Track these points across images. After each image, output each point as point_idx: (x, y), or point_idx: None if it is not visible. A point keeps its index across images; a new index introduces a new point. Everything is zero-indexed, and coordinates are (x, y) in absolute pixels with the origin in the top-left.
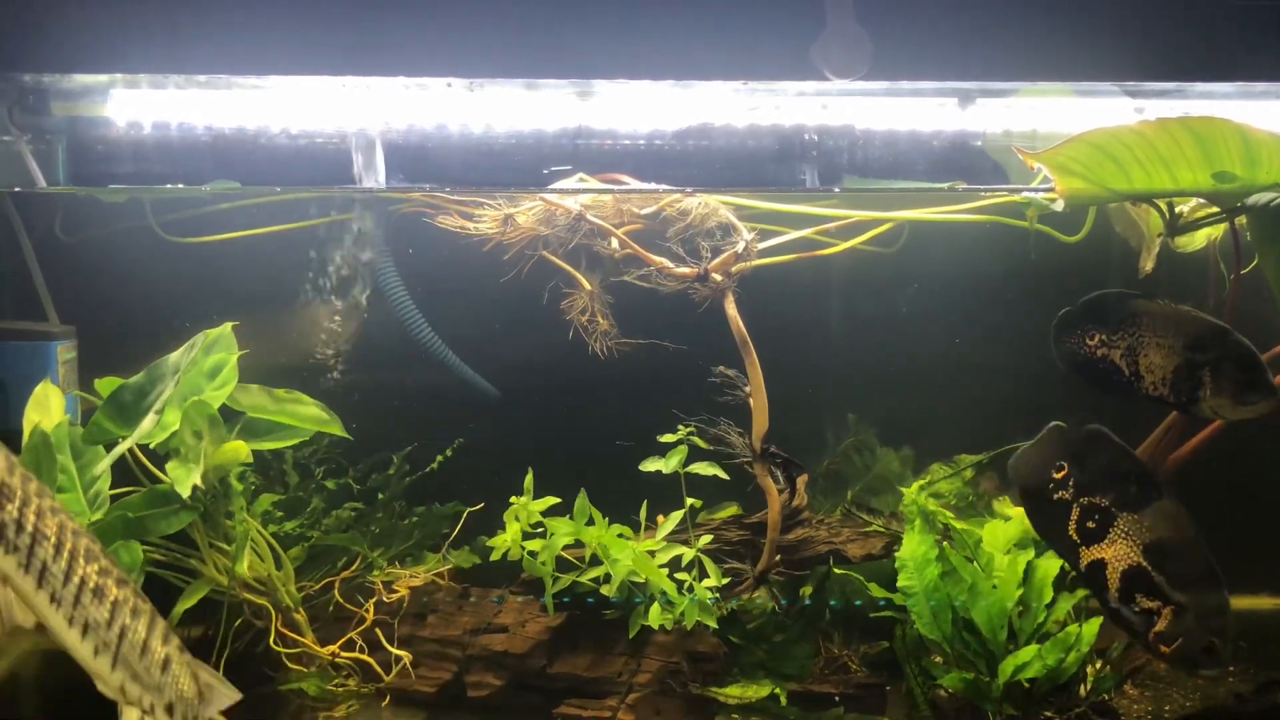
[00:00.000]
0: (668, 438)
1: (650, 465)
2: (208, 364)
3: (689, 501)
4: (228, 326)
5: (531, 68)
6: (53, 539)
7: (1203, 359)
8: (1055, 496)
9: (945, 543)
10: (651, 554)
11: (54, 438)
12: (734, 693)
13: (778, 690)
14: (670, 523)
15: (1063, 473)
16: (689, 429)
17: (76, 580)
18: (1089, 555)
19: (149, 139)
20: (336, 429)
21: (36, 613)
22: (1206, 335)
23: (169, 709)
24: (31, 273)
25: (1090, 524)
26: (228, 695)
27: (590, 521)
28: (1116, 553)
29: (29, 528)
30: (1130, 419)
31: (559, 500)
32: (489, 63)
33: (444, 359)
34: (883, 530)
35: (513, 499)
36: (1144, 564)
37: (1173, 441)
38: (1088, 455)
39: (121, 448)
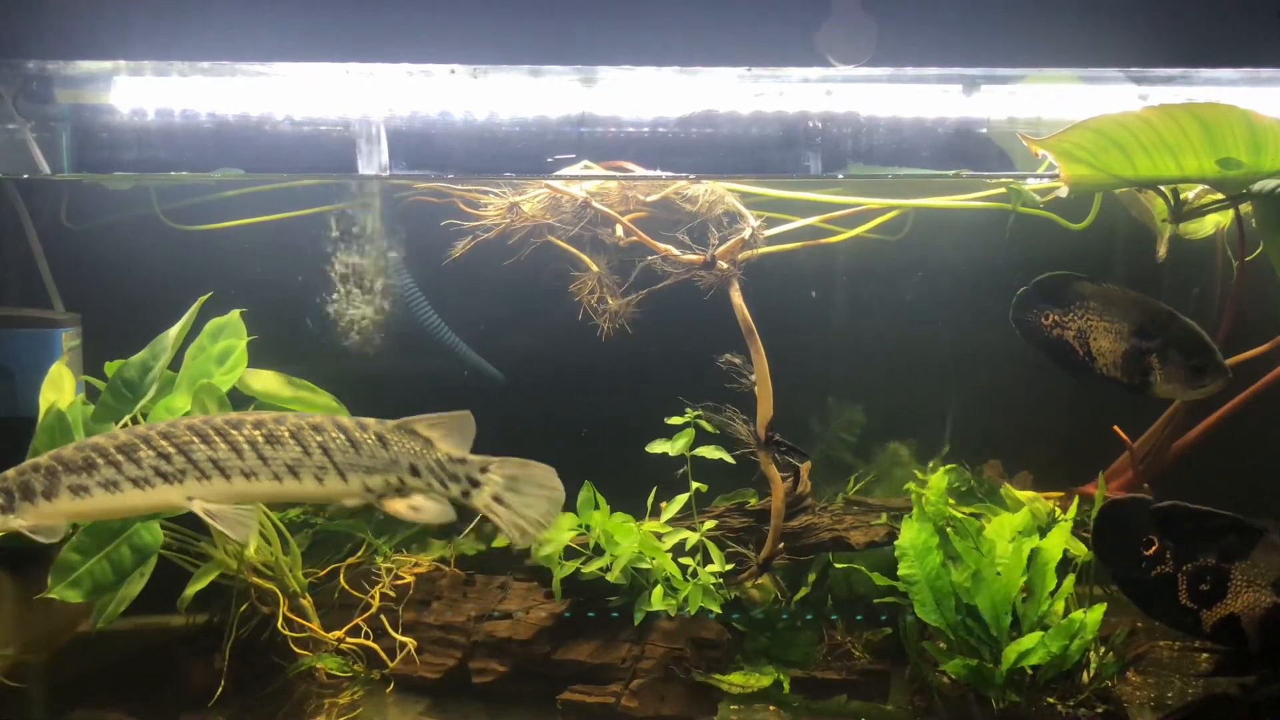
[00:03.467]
0: (675, 420)
1: (657, 447)
2: (216, 349)
3: (694, 485)
4: (236, 313)
5: (535, 54)
6: (196, 438)
7: (1149, 345)
8: (1154, 573)
9: (949, 528)
10: (658, 537)
11: (69, 416)
12: (737, 680)
13: (781, 677)
14: (675, 506)
15: (1154, 548)
16: (695, 413)
17: (246, 449)
18: (1214, 616)
19: (153, 126)
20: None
21: (250, 500)
22: (1151, 321)
23: (413, 470)
24: (36, 260)
25: (1204, 586)
26: (453, 425)
27: (595, 509)
28: (1247, 602)
29: (171, 449)
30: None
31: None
32: (493, 49)
33: (449, 343)
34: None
35: None
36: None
37: (1176, 429)
38: (1171, 525)
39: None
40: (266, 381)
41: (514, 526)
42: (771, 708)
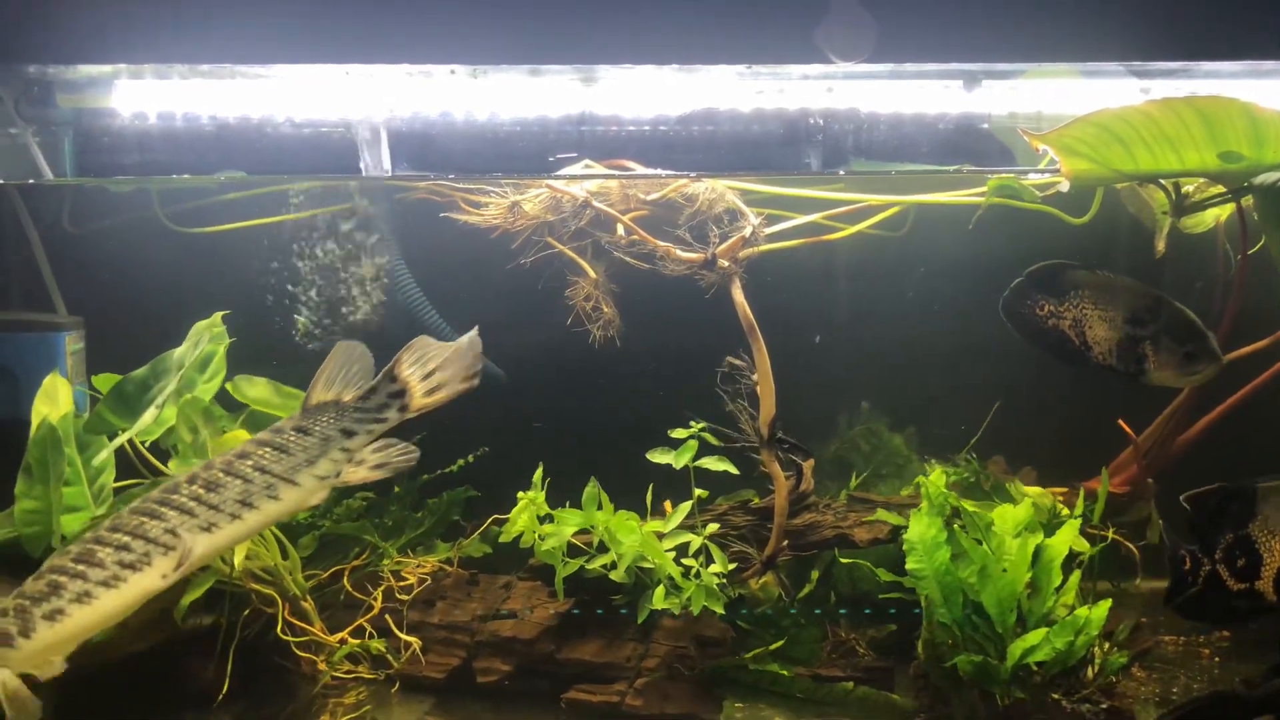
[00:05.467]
0: (679, 433)
1: (659, 457)
2: (197, 357)
3: (696, 492)
4: (217, 317)
5: (535, 53)
6: (146, 518)
7: (1143, 332)
8: (1201, 576)
9: (956, 525)
10: (660, 537)
11: (61, 430)
12: (748, 657)
13: (785, 673)
14: (679, 514)
15: (1188, 561)
16: (700, 425)
17: (195, 505)
18: (1268, 581)
19: (154, 129)
20: None
21: (225, 549)
22: (1144, 308)
23: (346, 434)
24: (39, 264)
25: (1241, 563)
26: (343, 368)
27: (599, 507)
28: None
29: (127, 538)
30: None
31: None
32: (492, 49)
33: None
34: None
35: (520, 494)
36: None
37: (1180, 423)
38: (1194, 526)
39: (120, 439)
40: (260, 389)
41: (460, 385)
42: (778, 709)
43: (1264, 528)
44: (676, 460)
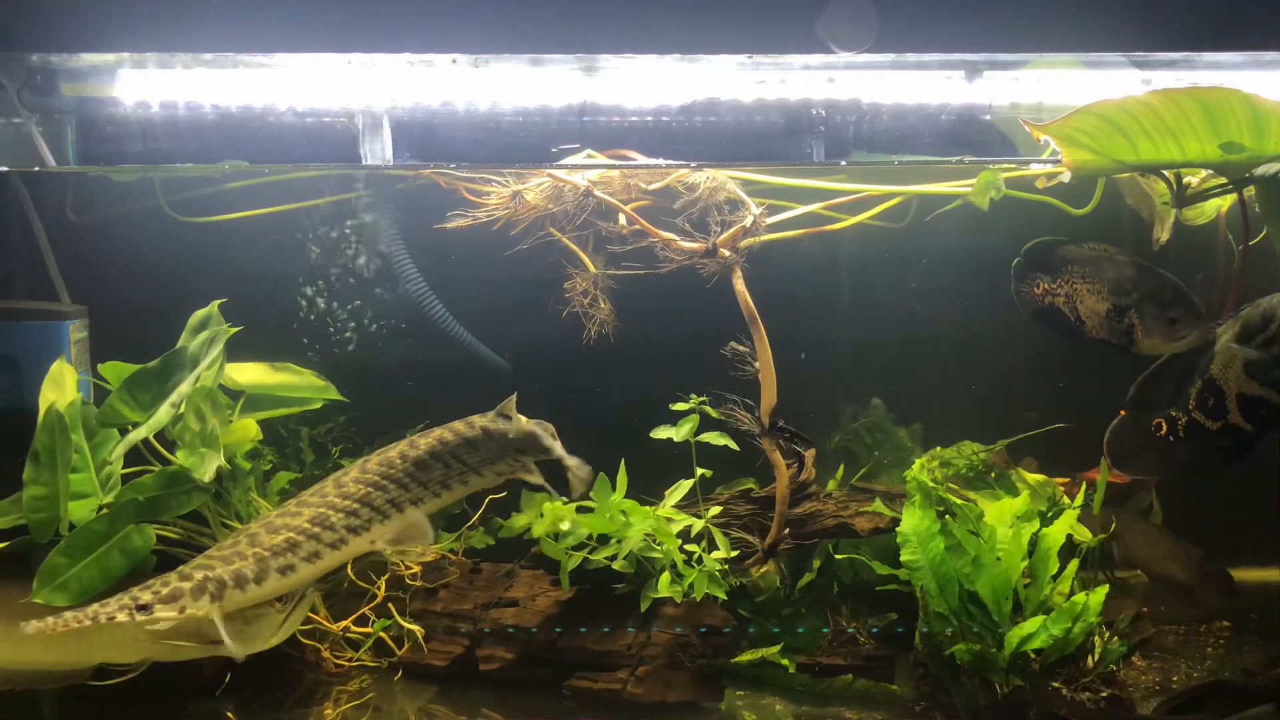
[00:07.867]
0: (679, 406)
1: (661, 433)
2: (215, 355)
3: (699, 471)
4: (214, 305)
5: (537, 43)
6: (370, 488)
7: (1127, 301)
8: (1182, 427)
9: (949, 516)
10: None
11: (68, 416)
12: (744, 660)
13: (785, 663)
14: (679, 491)
15: (1163, 427)
16: (700, 399)
17: (409, 481)
18: (1234, 408)
19: (157, 118)
20: (333, 394)
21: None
22: (1128, 277)
23: (518, 450)
24: (43, 253)
25: (1211, 402)
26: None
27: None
28: (1230, 377)
29: (356, 505)
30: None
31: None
32: (494, 38)
33: (454, 334)
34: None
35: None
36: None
37: None
38: (1150, 401)
39: (135, 436)
40: (251, 373)
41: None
42: (778, 698)
43: (1220, 365)
44: (677, 434)
